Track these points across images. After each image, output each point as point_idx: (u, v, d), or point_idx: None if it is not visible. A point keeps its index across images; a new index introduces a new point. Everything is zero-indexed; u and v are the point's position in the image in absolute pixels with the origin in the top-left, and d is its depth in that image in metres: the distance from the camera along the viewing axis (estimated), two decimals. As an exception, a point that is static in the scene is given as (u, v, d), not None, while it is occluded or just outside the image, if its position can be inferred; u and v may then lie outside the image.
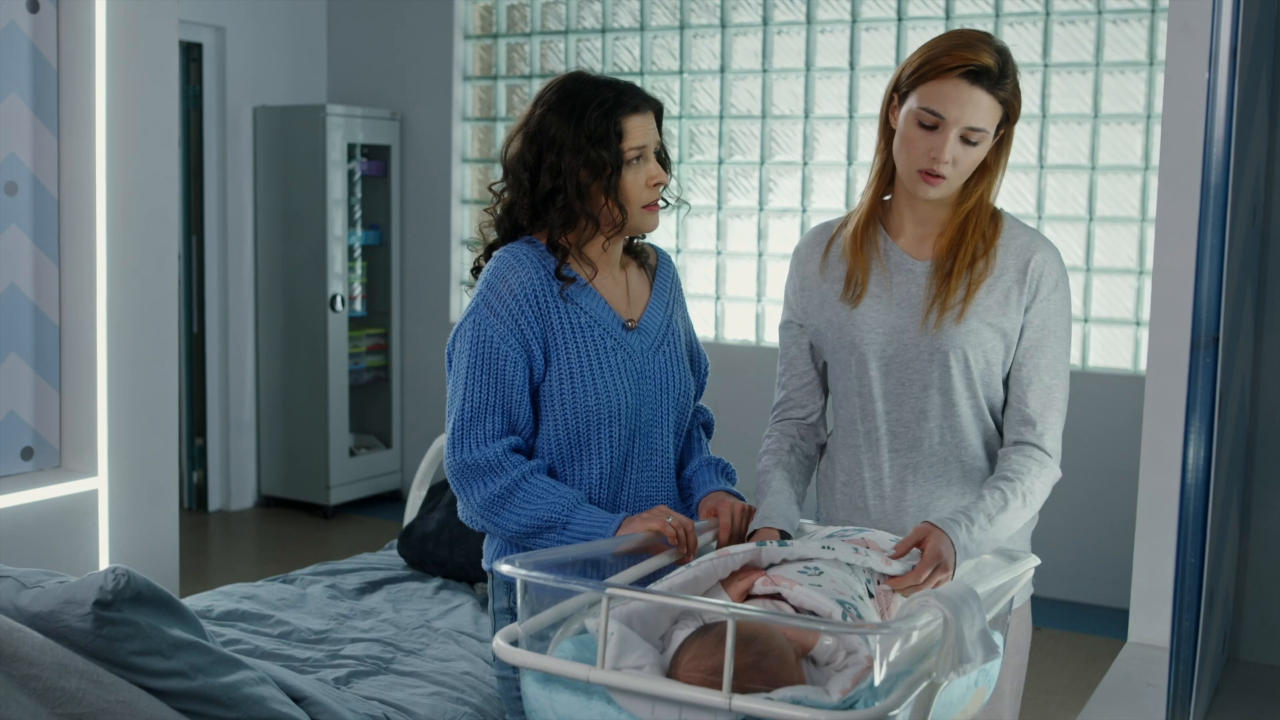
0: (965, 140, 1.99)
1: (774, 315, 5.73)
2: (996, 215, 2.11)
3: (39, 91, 3.50)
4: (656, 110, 2.15)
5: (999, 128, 2.03)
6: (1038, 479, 2.03)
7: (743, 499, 2.21)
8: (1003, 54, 1.99)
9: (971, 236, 2.06)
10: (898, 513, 2.12)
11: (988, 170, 2.07)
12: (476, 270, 2.21)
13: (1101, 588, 5.02)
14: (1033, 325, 2.06)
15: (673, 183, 2.20)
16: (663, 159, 2.16)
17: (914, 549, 1.88)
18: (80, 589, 2.11)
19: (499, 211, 2.19)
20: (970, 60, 1.95)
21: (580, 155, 2.07)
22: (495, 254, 2.15)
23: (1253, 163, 2.13)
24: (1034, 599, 2.22)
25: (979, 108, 1.96)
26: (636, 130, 2.10)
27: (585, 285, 2.14)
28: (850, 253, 2.13)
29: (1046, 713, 4.00)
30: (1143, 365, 5.04)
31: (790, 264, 2.25)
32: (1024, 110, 2.09)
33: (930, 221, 2.10)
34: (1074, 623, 4.89)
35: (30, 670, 1.99)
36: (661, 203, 2.17)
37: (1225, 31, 1.83)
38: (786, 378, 2.24)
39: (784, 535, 2.02)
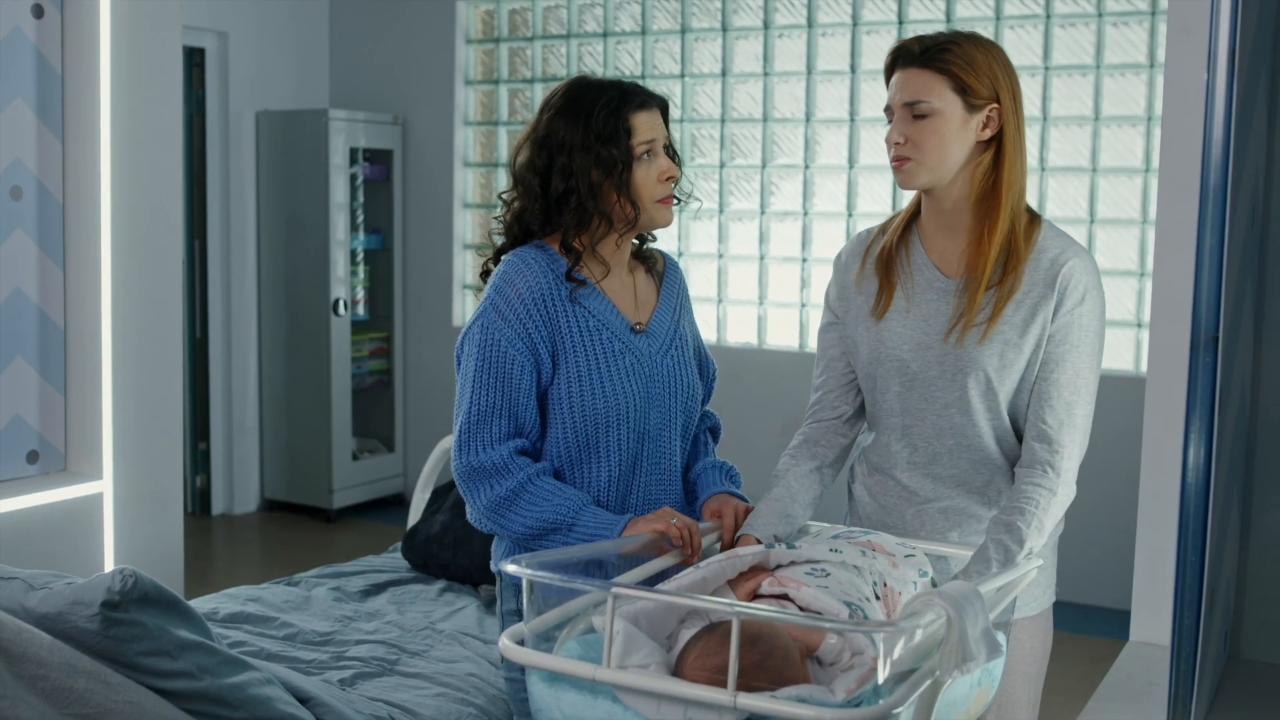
0: (913, 116, 2.00)
1: (776, 318, 5.74)
2: (1034, 225, 2.05)
3: (44, 97, 3.52)
4: (662, 107, 2.17)
5: (970, 108, 1.99)
6: (1047, 511, 1.97)
7: (746, 500, 2.22)
8: (935, 37, 2.02)
9: (992, 243, 2.01)
10: (919, 523, 2.12)
11: (999, 156, 2.01)
12: (485, 274, 2.23)
13: (1107, 590, 5.02)
14: (1054, 339, 2.01)
15: (684, 180, 2.21)
16: (672, 154, 2.17)
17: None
18: (88, 590, 2.12)
19: (508, 218, 2.20)
20: (893, 53, 2.04)
21: (590, 154, 2.08)
22: (504, 258, 2.16)
23: (1252, 164, 2.14)
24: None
25: (911, 83, 2.00)
26: (644, 126, 2.11)
27: (594, 289, 2.15)
28: (877, 270, 2.13)
29: (1050, 713, 4.00)
30: (1145, 367, 5.05)
31: (833, 268, 2.24)
32: (1025, 112, 2.08)
33: (957, 231, 2.07)
34: (1080, 624, 4.89)
35: (39, 671, 2.00)
36: (675, 198, 2.18)
37: (1224, 33, 1.84)
38: (822, 379, 2.22)
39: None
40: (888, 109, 2.05)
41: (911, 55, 2.01)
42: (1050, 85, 5.14)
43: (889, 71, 2.05)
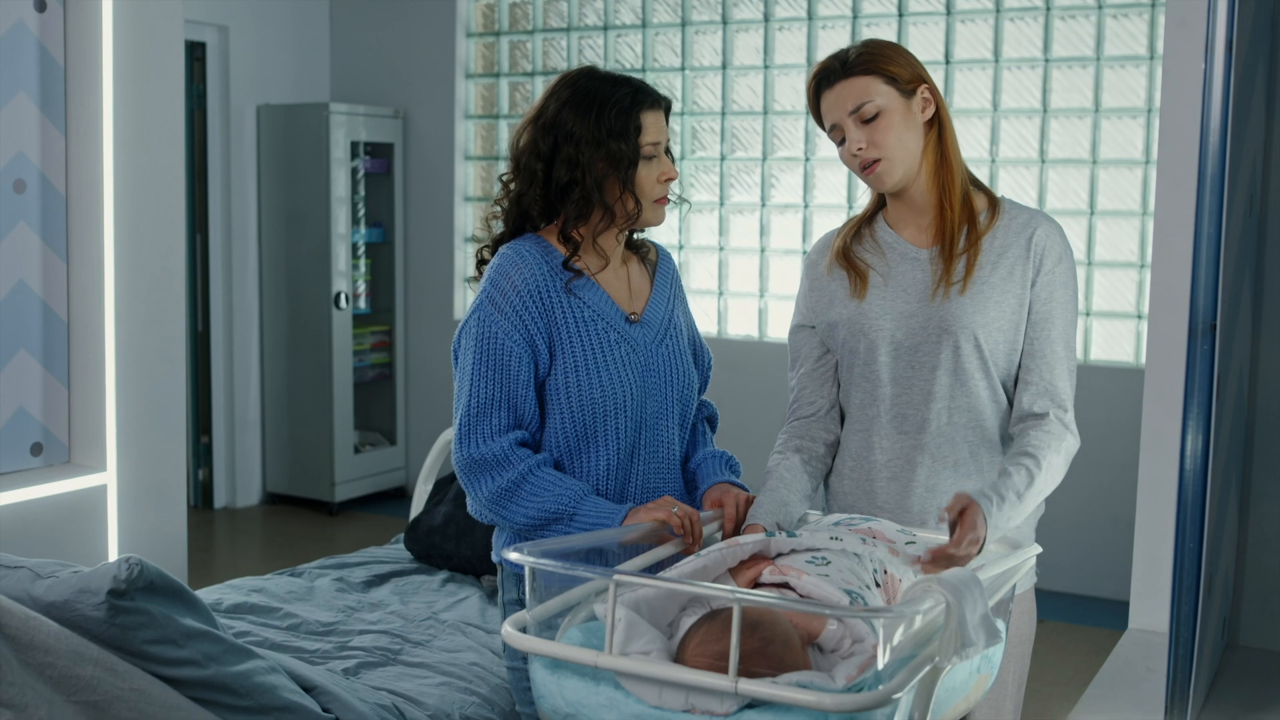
0: (863, 121, 2.08)
1: (777, 311, 5.76)
2: (995, 200, 2.16)
3: (47, 90, 3.53)
4: (667, 108, 2.19)
5: (906, 95, 2.09)
6: (1057, 453, 2.06)
7: (747, 490, 2.23)
8: (846, 51, 2.12)
9: (953, 206, 2.11)
10: (905, 494, 2.14)
11: (941, 131, 2.13)
12: (481, 264, 2.24)
13: (1105, 580, 5.04)
14: (1039, 299, 2.10)
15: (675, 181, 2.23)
16: (669, 156, 2.19)
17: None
18: (94, 578, 2.13)
19: (507, 203, 2.21)
20: (815, 78, 2.14)
21: (601, 149, 2.10)
22: (499, 251, 2.18)
23: (1249, 153, 2.15)
24: (1038, 591, 2.23)
25: (845, 95, 2.10)
26: (652, 126, 2.14)
27: (588, 280, 2.16)
28: (841, 265, 2.19)
29: (1049, 704, 4.02)
30: (1144, 358, 5.06)
31: (801, 271, 2.30)
32: (1025, 104, 2.12)
33: (925, 209, 2.15)
34: (1077, 615, 4.91)
35: (46, 658, 2.02)
36: (669, 198, 2.20)
37: (1221, 25, 1.85)
38: (796, 378, 2.27)
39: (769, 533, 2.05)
40: (834, 129, 2.12)
41: (835, 72, 2.11)
42: (1050, 78, 5.14)
43: (815, 99, 2.14)
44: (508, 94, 6.41)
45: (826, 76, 2.12)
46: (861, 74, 2.09)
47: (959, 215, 2.12)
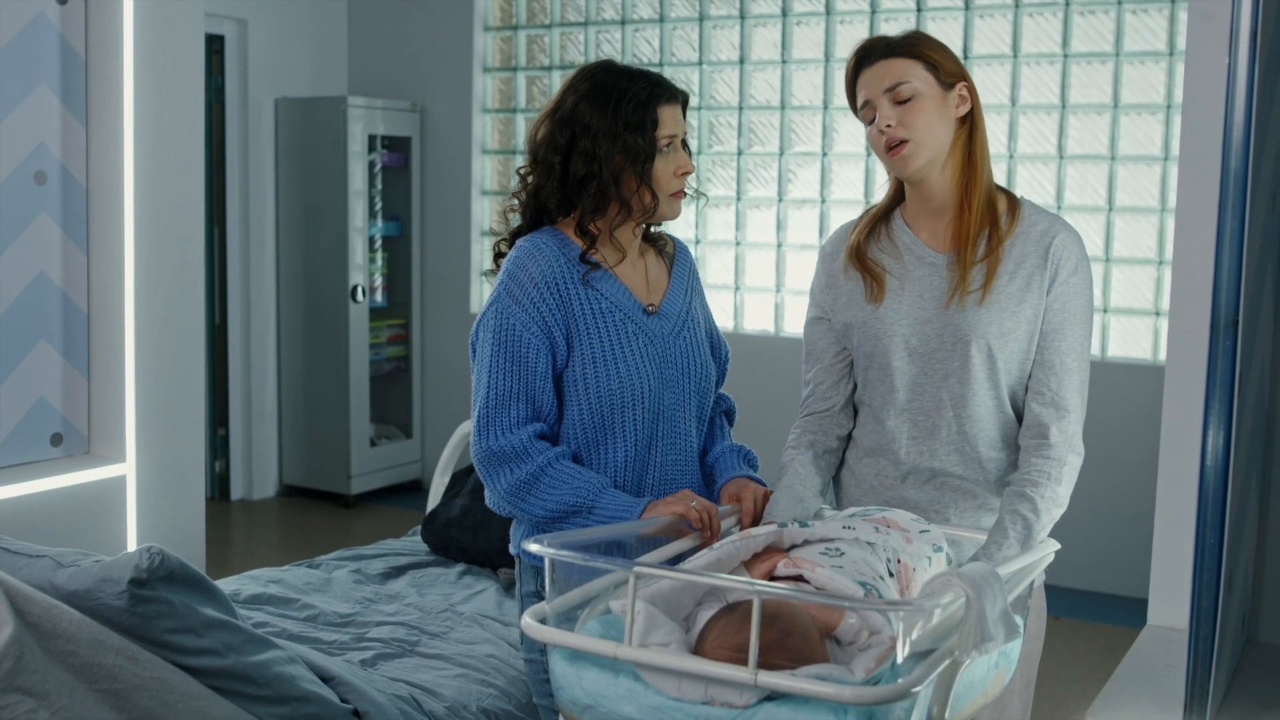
0: (897, 101, 2.07)
1: (793, 306, 5.75)
2: (1015, 204, 2.14)
3: (68, 82, 3.55)
4: (684, 101, 2.19)
5: (944, 86, 2.08)
6: (1059, 483, 2.03)
7: (764, 484, 2.23)
8: (891, 36, 2.13)
9: (972, 211, 2.09)
10: (912, 494, 2.14)
11: (972, 131, 2.11)
12: (498, 256, 2.24)
13: (1121, 577, 5.03)
14: (1053, 309, 2.08)
15: (692, 175, 2.23)
16: (686, 150, 2.19)
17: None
18: (116, 568, 2.15)
19: (525, 196, 2.22)
20: (856, 55, 2.13)
21: (617, 142, 2.11)
22: (516, 244, 2.18)
23: (1273, 146, 2.14)
24: (1054, 589, 2.23)
25: (884, 73, 2.09)
26: (669, 120, 2.14)
27: (606, 272, 2.17)
28: (855, 264, 2.18)
29: (1065, 701, 4.01)
30: (1163, 355, 5.04)
31: (817, 262, 2.29)
32: (1044, 100, 2.11)
33: (944, 210, 2.13)
34: (1093, 612, 4.90)
35: (68, 646, 2.03)
36: (684, 193, 2.20)
37: (1245, 17, 1.84)
38: (812, 372, 2.26)
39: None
40: (866, 106, 2.10)
41: (878, 50, 2.11)
42: (1069, 73, 5.12)
43: (853, 76, 2.13)
44: (525, 88, 6.41)
45: (868, 54, 2.11)
46: (903, 56, 2.08)
47: (979, 220, 2.09)
